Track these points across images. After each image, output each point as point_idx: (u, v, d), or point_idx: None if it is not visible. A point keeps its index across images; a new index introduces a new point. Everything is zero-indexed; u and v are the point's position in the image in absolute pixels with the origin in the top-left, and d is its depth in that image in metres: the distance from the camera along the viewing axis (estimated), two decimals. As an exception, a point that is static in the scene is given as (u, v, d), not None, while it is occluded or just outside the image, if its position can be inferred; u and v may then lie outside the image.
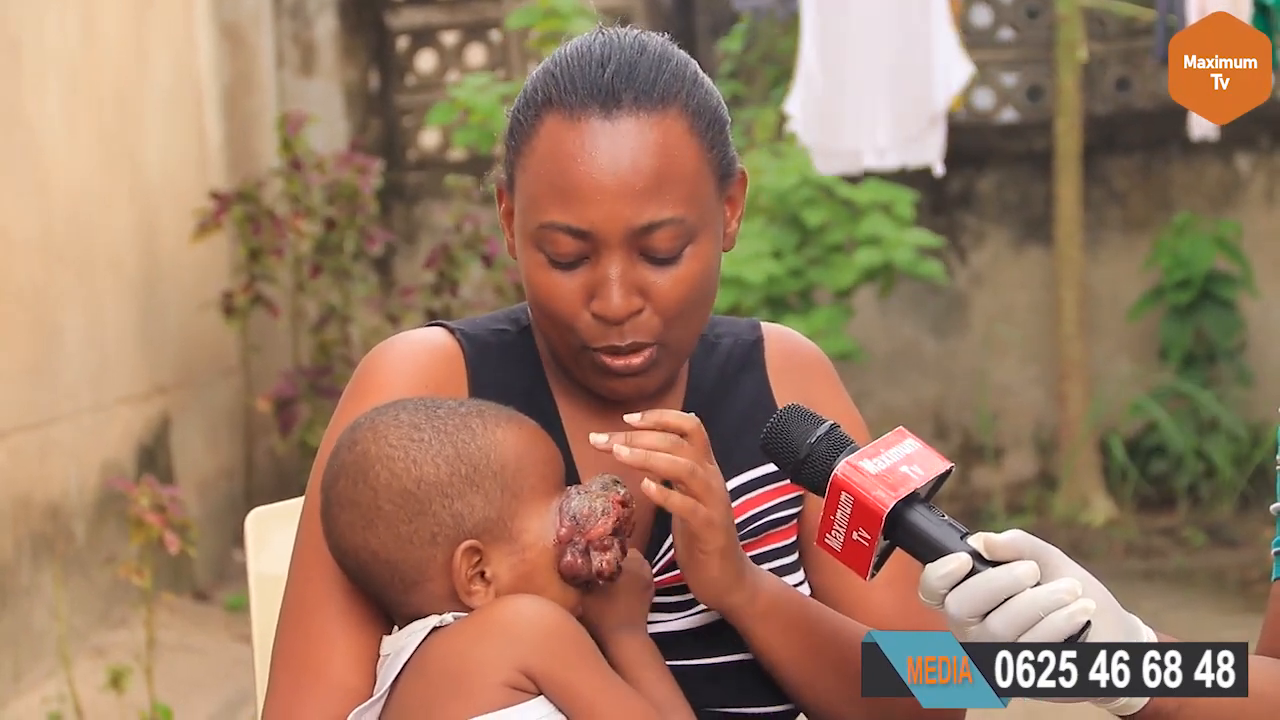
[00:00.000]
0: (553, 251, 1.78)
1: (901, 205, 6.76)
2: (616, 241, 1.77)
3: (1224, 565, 6.82)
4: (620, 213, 1.76)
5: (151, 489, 4.41)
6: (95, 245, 5.95)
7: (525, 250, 1.81)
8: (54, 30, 5.70)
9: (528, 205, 1.80)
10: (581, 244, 1.77)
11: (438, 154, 8.02)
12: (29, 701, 4.98)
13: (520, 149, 1.81)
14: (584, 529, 1.74)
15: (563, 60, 1.82)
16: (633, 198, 1.76)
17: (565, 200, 1.77)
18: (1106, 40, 7.94)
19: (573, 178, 1.76)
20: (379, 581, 1.76)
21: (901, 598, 1.87)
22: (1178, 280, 7.46)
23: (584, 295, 1.79)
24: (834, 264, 6.68)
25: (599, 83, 1.78)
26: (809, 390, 1.96)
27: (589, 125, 1.77)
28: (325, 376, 6.70)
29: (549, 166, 1.77)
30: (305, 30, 7.91)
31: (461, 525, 1.73)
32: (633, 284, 1.78)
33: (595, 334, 1.80)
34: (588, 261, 1.78)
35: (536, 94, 1.82)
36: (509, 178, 1.84)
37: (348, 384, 1.89)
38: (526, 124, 1.81)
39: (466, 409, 1.78)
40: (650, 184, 1.77)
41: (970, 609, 1.61)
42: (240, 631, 5.90)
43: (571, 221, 1.77)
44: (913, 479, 1.64)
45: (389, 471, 1.74)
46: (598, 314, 1.78)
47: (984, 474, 7.73)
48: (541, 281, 1.80)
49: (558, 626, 1.71)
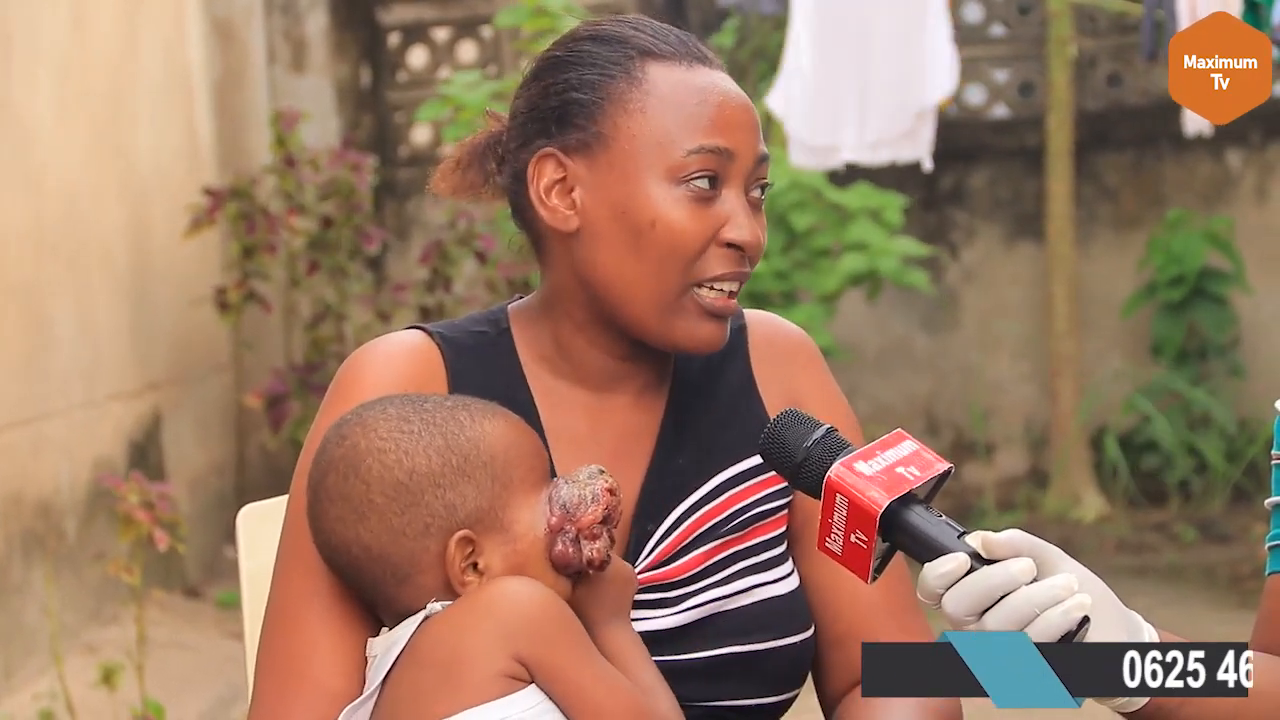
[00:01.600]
0: (698, 179, 1.84)
1: (890, 211, 6.75)
2: (747, 169, 1.86)
3: (1215, 561, 6.83)
4: (751, 139, 1.86)
5: (140, 486, 4.40)
6: (86, 241, 5.94)
7: (652, 190, 1.84)
8: (45, 25, 5.69)
9: (658, 141, 1.84)
10: (721, 167, 1.84)
11: (430, 150, 8.01)
12: (20, 698, 4.97)
13: (617, 99, 1.85)
14: (575, 517, 1.75)
15: (620, 26, 1.89)
16: (755, 129, 1.88)
17: (712, 123, 1.84)
18: (1098, 36, 7.95)
19: (711, 105, 1.85)
20: (370, 577, 1.76)
21: (888, 589, 1.88)
22: (1170, 276, 7.47)
23: (713, 228, 1.84)
24: (820, 268, 6.68)
25: (680, 41, 1.89)
26: (793, 377, 1.97)
27: (699, 69, 1.88)
28: (316, 373, 6.70)
29: (678, 102, 1.85)
30: (296, 26, 7.90)
31: (454, 516, 1.74)
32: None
33: (725, 262, 1.85)
34: (716, 197, 1.85)
35: (621, 49, 1.87)
36: (589, 133, 1.85)
37: (329, 388, 1.90)
38: (619, 76, 1.86)
39: (452, 403, 1.79)
40: (757, 122, 1.89)
41: (967, 607, 1.61)
42: (231, 628, 5.90)
43: (723, 142, 1.84)
44: (908, 480, 1.64)
45: (380, 464, 1.74)
46: (734, 241, 1.84)
47: (975, 470, 7.74)
48: (679, 215, 1.83)
49: (546, 608, 1.71)
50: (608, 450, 1.89)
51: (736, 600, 1.88)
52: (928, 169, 6.74)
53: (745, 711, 1.88)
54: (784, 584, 1.91)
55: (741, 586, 1.88)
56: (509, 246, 7.21)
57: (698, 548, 1.88)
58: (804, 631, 1.90)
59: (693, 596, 1.87)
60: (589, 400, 1.90)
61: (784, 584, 1.91)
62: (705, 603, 1.87)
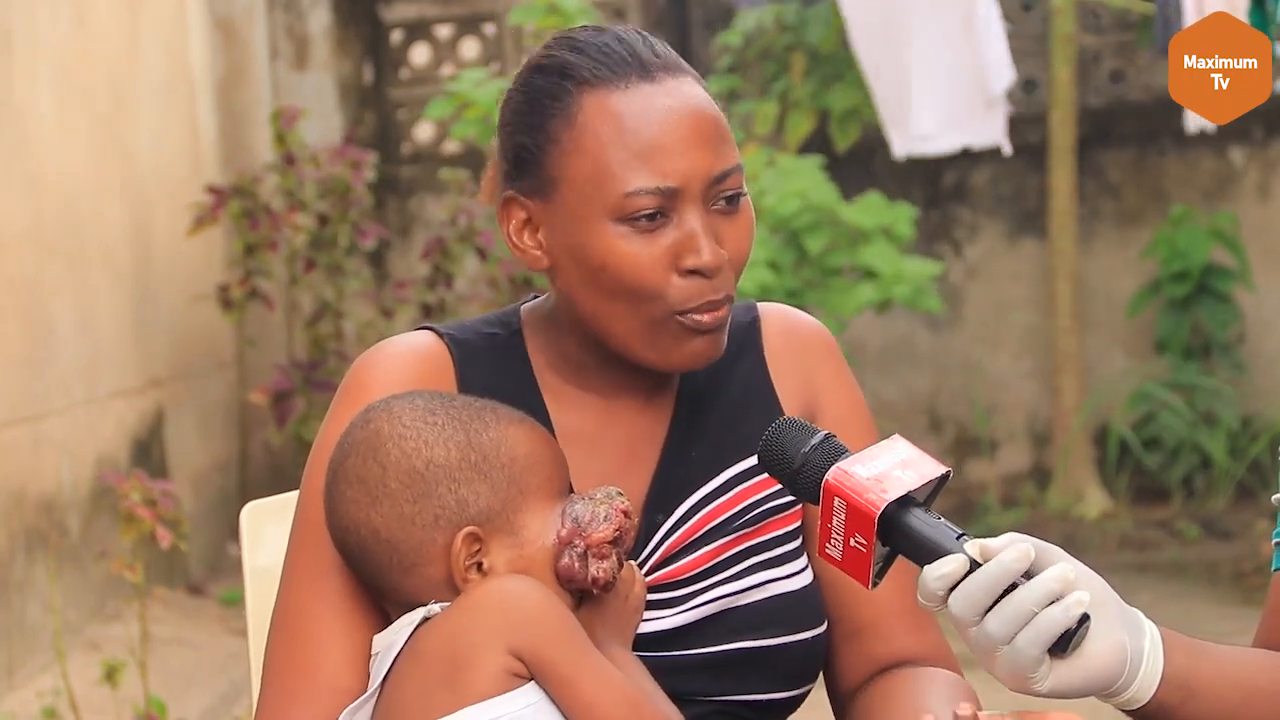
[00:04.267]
0: (638, 219, 1.77)
1: (901, 224, 6.73)
2: (698, 193, 1.78)
3: (1218, 558, 6.82)
4: (701, 162, 1.78)
5: (143, 483, 4.40)
6: (88, 238, 5.94)
7: (597, 231, 1.78)
8: (46, 22, 5.69)
9: (596, 183, 1.77)
10: (665, 202, 1.77)
11: (432, 147, 8.01)
12: (23, 696, 4.97)
13: (557, 139, 1.79)
14: (585, 533, 1.74)
15: (563, 52, 1.82)
16: (708, 146, 1.78)
17: (647, 160, 1.77)
18: (1101, 33, 7.94)
19: (647, 137, 1.77)
20: (376, 562, 1.76)
21: (901, 587, 1.86)
22: (1174, 273, 7.46)
23: (669, 258, 1.78)
24: (833, 288, 6.66)
25: (624, 55, 1.80)
26: (810, 371, 1.95)
27: (638, 89, 1.79)
28: (319, 370, 6.70)
29: (615, 135, 1.77)
30: (299, 23, 7.90)
31: (465, 511, 1.74)
32: (714, 235, 1.80)
33: (688, 294, 1.79)
34: (668, 224, 1.78)
35: (557, 83, 1.80)
36: (537, 176, 1.82)
37: (337, 390, 1.90)
38: (558, 113, 1.79)
39: (481, 404, 1.80)
40: (716, 132, 1.80)
41: (972, 607, 1.60)
42: (234, 625, 5.90)
43: (660, 181, 1.77)
44: (906, 483, 1.63)
45: (400, 450, 1.75)
46: (693, 269, 1.78)
47: (978, 467, 7.73)
48: (626, 254, 1.78)
49: (541, 603, 1.71)
50: (619, 451, 1.89)
51: (748, 596, 1.87)
52: (1007, 153, 6.95)
53: (758, 706, 1.88)
54: (797, 579, 1.90)
55: (753, 582, 1.88)
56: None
57: (709, 543, 1.87)
58: (817, 627, 1.89)
59: (704, 593, 1.86)
60: (599, 401, 1.89)
61: (797, 579, 1.90)
62: (717, 598, 1.86)
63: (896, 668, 1.91)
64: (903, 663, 1.92)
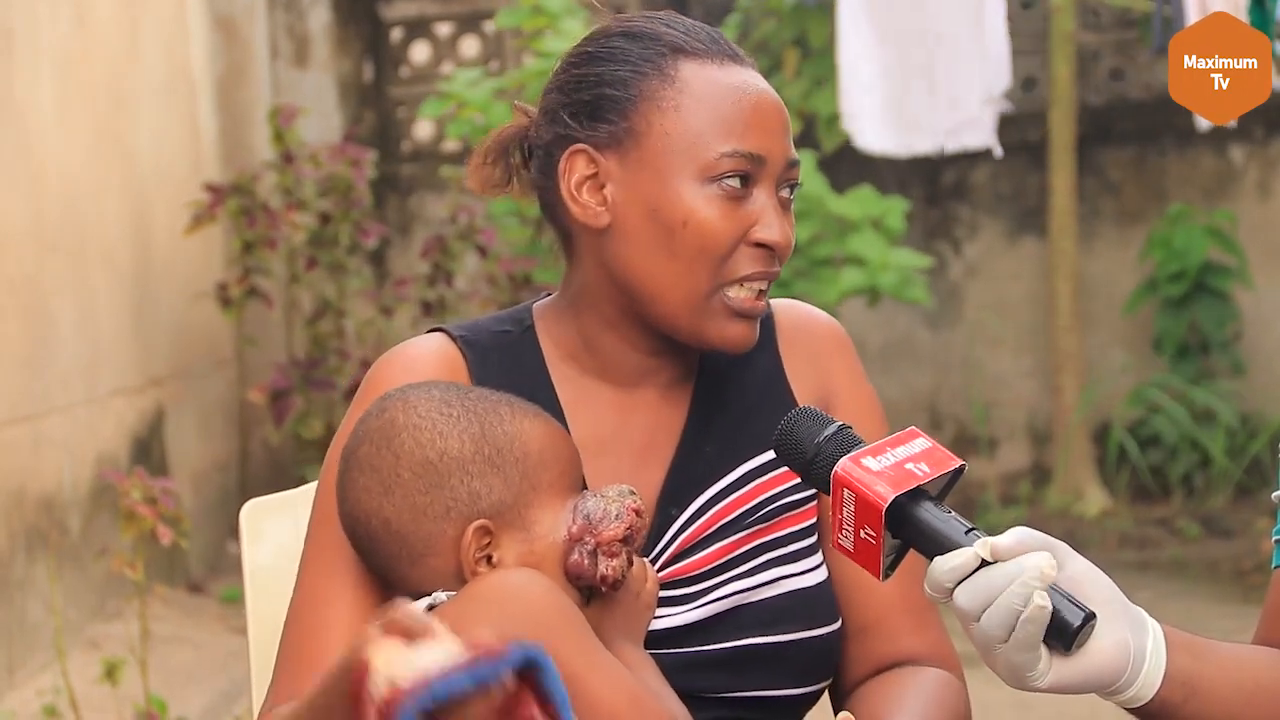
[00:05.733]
0: (729, 181, 1.83)
1: (893, 217, 6.74)
2: (777, 171, 1.86)
3: (1218, 556, 6.82)
4: (783, 143, 1.87)
5: (143, 481, 4.40)
6: (88, 236, 5.94)
7: (683, 189, 1.83)
8: (46, 20, 5.68)
9: (689, 142, 1.83)
10: (753, 169, 1.84)
11: (432, 146, 8.01)
12: (24, 694, 4.97)
13: (650, 95, 1.85)
14: (596, 530, 1.75)
15: (652, 23, 1.89)
16: (786, 132, 1.88)
17: (744, 127, 1.84)
18: (1100, 31, 7.94)
19: (744, 108, 1.85)
20: (386, 552, 1.76)
21: (907, 584, 1.87)
22: (1172, 272, 7.46)
23: (743, 228, 1.84)
24: (820, 278, 6.67)
25: (711, 36, 1.90)
26: (824, 366, 1.96)
27: (733, 68, 1.88)
28: (319, 369, 6.69)
29: (711, 102, 1.84)
30: (299, 22, 7.90)
31: (476, 504, 1.74)
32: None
33: (754, 261, 1.85)
34: (747, 197, 1.85)
35: (653, 45, 1.86)
36: (620, 130, 1.85)
37: (355, 395, 1.91)
38: (652, 73, 1.85)
39: (498, 397, 1.80)
40: (788, 124, 1.89)
41: (979, 603, 1.60)
42: (235, 624, 5.90)
43: (754, 148, 1.84)
44: (917, 476, 1.64)
45: (414, 440, 1.75)
46: (764, 241, 1.84)
47: (978, 465, 7.73)
48: (708, 214, 1.83)
49: (546, 597, 1.71)
50: (634, 445, 1.89)
51: (762, 592, 1.88)
52: (998, 155, 6.94)
53: (773, 703, 1.88)
54: (812, 575, 1.91)
55: (768, 578, 1.88)
56: (509, 242, 7.13)
57: (723, 539, 1.88)
58: (831, 624, 1.90)
59: (717, 589, 1.87)
60: (615, 396, 1.90)
61: (812, 575, 1.91)
62: (730, 594, 1.87)
63: (894, 667, 1.92)
64: (903, 662, 1.92)
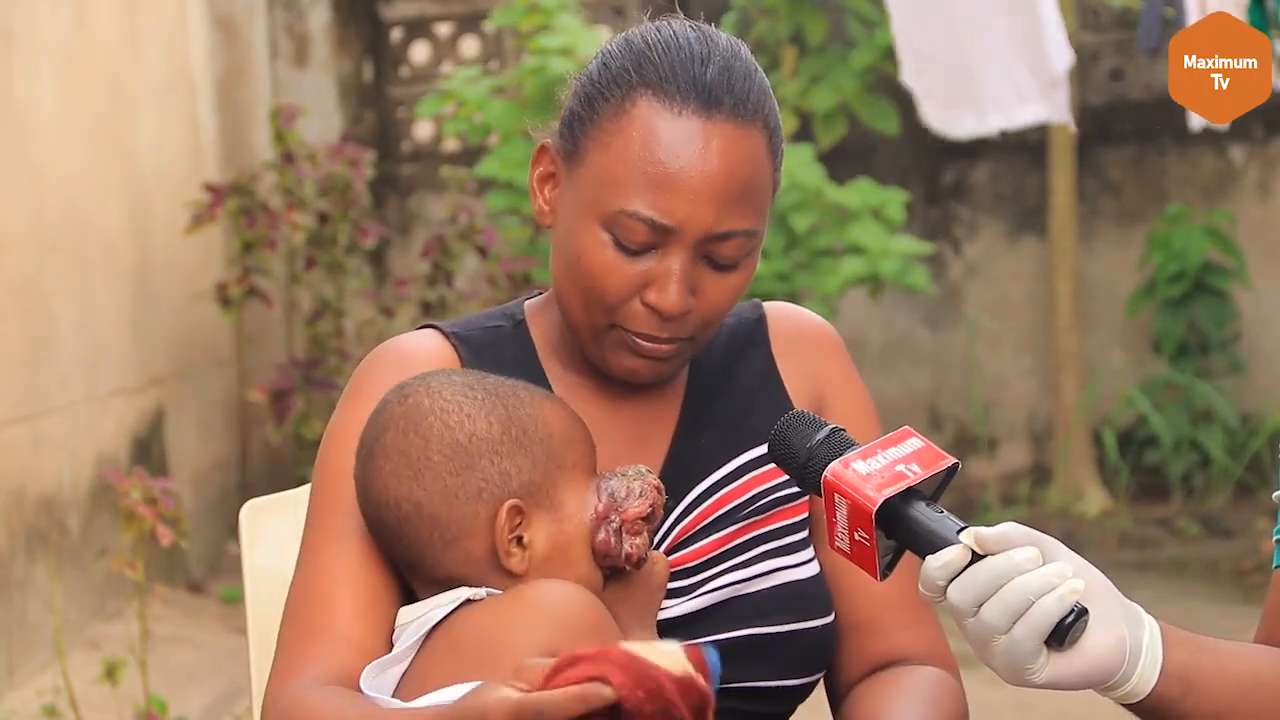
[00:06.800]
0: (625, 238, 1.78)
1: (892, 207, 6.74)
2: (691, 241, 1.78)
3: (1218, 556, 6.83)
4: (705, 215, 1.77)
5: (143, 481, 4.40)
6: (88, 236, 5.94)
7: (586, 226, 1.80)
8: (47, 20, 5.69)
9: (604, 184, 1.78)
10: (656, 237, 1.77)
11: (431, 146, 8.01)
12: (24, 694, 4.98)
13: (600, 122, 1.80)
14: (621, 508, 1.76)
15: (657, 44, 1.81)
16: (720, 203, 1.77)
17: (655, 191, 1.76)
18: (1100, 31, 7.94)
19: (668, 170, 1.76)
20: (416, 536, 1.76)
21: (901, 582, 1.85)
22: (1171, 272, 7.46)
23: (639, 283, 1.79)
24: (821, 269, 6.66)
25: (701, 80, 1.78)
26: (817, 366, 1.96)
27: (689, 121, 1.77)
28: (319, 368, 6.70)
29: (641, 152, 1.77)
30: (299, 22, 7.90)
31: (508, 484, 1.74)
32: (690, 283, 1.79)
33: (638, 320, 1.80)
34: (652, 252, 1.78)
35: (628, 72, 1.80)
36: (572, 145, 1.83)
37: (344, 389, 1.90)
38: (613, 99, 1.80)
39: (513, 382, 1.81)
40: (738, 193, 1.78)
41: (972, 597, 1.60)
42: (235, 624, 5.90)
43: (656, 215, 1.76)
44: (908, 477, 1.63)
45: (442, 423, 1.75)
46: (653, 305, 1.79)
47: (978, 465, 7.73)
48: (599, 261, 1.79)
49: (586, 609, 1.71)
50: (627, 438, 1.90)
51: (756, 583, 1.88)
52: (1073, 130, 6.89)
53: (767, 693, 1.88)
54: (805, 569, 1.91)
55: (761, 570, 1.89)
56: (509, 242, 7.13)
57: (717, 531, 1.88)
58: (824, 616, 1.90)
59: (712, 580, 1.87)
60: (606, 389, 1.90)
61: (805, 569, 1.91)
62: (725, 585, 1.87)
63: (889, 666, 1.92)
64: (898, 659, 1.93)
